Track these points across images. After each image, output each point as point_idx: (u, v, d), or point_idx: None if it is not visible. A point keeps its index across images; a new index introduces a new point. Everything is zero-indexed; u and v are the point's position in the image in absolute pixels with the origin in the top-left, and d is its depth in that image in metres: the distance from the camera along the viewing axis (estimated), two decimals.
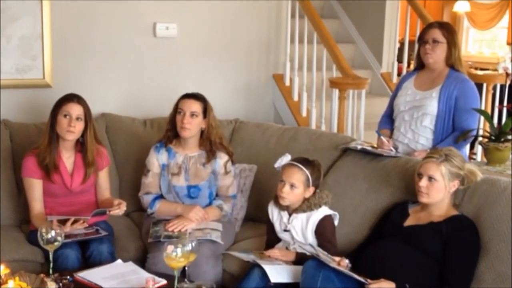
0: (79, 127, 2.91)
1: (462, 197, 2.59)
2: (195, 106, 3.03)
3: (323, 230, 2.68)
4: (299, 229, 2.70)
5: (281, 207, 2.76)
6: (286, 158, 2.75)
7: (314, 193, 2.73)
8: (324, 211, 2.71)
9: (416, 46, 3.35)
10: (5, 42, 3.42)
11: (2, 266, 2.14)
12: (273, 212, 2.80)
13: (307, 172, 2.69)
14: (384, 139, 3.10)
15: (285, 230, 2.74)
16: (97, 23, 3.71)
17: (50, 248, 2.46)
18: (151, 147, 3.14)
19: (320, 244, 2.66)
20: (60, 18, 3.55)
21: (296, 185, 2.67)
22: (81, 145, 3.00)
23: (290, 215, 2.74)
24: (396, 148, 3.14)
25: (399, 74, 5.20)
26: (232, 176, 3.16)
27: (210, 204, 3.09)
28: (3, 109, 3.48)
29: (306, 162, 2.73)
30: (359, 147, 3.10)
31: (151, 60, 3.92)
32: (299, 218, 2.71)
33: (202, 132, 3.10)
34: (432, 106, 3.09)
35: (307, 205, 2.70)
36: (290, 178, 2.68)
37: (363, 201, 2.91)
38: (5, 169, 3.20)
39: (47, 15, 3.50)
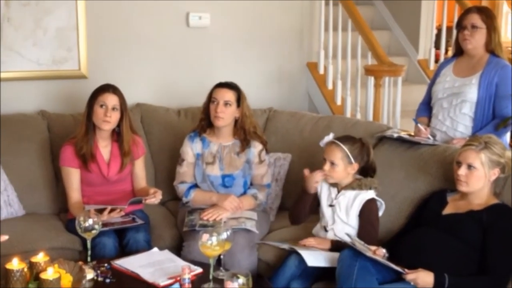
0: (115, 117, 2.94)
1: (503, 185, 2.53)
2: (228, 95, 3.03)
3: (369, 212, 2.68)
4: (344, 206, 2.70)
5: (332, 183, 2.78)
6: (328, 137, 2.77)
7: (366, 175, 2.72)
8: (372, 194, 2.71)
9: (454, 32, 3.27)
10: (41, 34, 3.47)
11: (42, 254, 2.17)
12: (323, 187, 2.80)
13: (345, 148, 2.69)
14: (421, 127, 3.05)
15: (330, 205, 2.74)
16: (131, 13, 3.73)
17: (88, 236, 2.50)
18: (185, 137, 3.14)
19: (362, 226, 2.66)
20: (94, 10, 3.58)
21: (335, 163, 2.69)
22: (117, 135, 3.03)
23: (339, 191, 2.75)
24: (434, 136, 3.09)
25: (436, 61, 5.09)
26: (266, 165, 3.15)
27: (244, 193, 3.08)
28: (41, 100, 3.53)
29: (346, 139, 2.75)
30: (395, 135, 3.06)
31: (185, 50, 3.92)
32: (346, 196, 2.71)
33: (236, 121, 3.10)
34: (471, 93, 3.02)
35: (357, 184, 2.71)
36: (329, 156, 2.71)
37: (400, 190, 2.87)
38: (44, 159, 3.25)
39: (82, 7, 3.54)
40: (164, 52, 3.86)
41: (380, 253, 2.46)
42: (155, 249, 2.69)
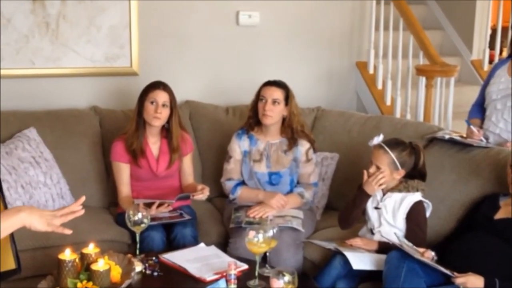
0: (165, 113, 2.98)
1: None
2: (277, 93, 3.03)
3: (416, 214, 2.63)
4: (391, 209, 2.66)
5: None
6: (378, 138, 2.72)
7: (413, 177, 2.68)
8: (419, 196, 2.66)
9: (510, 32, 3.18)
10: (95, 31, 3.55)
11: (92, 245, 2.23)
12: None
13: (393, 155, 2.63)
14: (474, 128, 2.98)
15: (376, 208, 2.70)
16: (183, 12, 3.77)
17: (137, 230, 2.54)
18: (233, 134, 3.16)
19: (409, 228, 2.62)
20: (146, 8, 3.64)
21: (381, 168, 2.64)
22: (166, 131, 3.07)
23: (384, 194, 2.70)
24: (486, 138, 3.01)
25: (490, 61, 4.95)
26: (313, 164, 3.14)
27: (291, 191, 3.08)
28: (93, 96, 3.62)
29: (395, 144, 2.68)
30: (446, 136, 2.99)
31: (234, 48, 3.94)
32: (392, 198, 2.67)
33: (283, 120, 3.09)
34: None
35: (404, 186, 2.66)
36: (376, 160, 2.67)
37: (450, 193, 2.81)
38: (95, 154, 3.33)
39: (135, 5, 3.60)
40: (213, 50, 3.90)
41: (428, 256, 2.42)
42: (202, 245, 2.72)
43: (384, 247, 2.56)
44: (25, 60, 3.44)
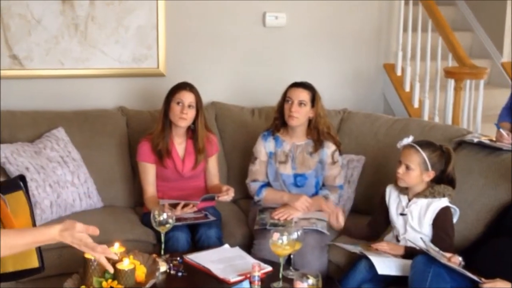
0: (191, 114, 2.99)
1: None
2: (303, 95, 3.02)
3: (443, 221, 2.58)
4: (416, 215, 2.62)
5: (402, 190, 2.69)
6: (407, 139, 2.69)
7: (441, 182, 2.62)
8: (446, 202, 2.61)
9: None
10: (123, 32, 3.59)
11: (118, 245, 2.24)
12: (391, 194, 2.73)
13: (424, 155, 2.60)
14: (503, 132, 2.92)
15: (402, 214, 2.66)
16: (209, 13, 3.79)
17: (162, 230, 2.56)
18: (258, 135, 3.16)
19: (436, 235, 2.57)
20: (174, 9, 3.66)
21: (411, 167, 2.60)
22: (192, 132, 3.08)
23: (409, 199, 2.66)
24: None
25: None
26: (339, 166, 3.12)
27: (316, 193, 3.07)
28: (120, 97, 3.65)
29: (426, 144, 2.65)
30: (475, 140, 2.95)
31: (260, 50, 3.94)
32: (418, 204, 2.63)
33: (309, 121, 3.08)
34: None
35: (430, 191, 2.61)
36: (405, 159, 2.62)
37: (478, 197, 2.76)
38: (122, 154, 3.36)
39: (162, 6, 3.62)
40: (240, 52, 3.90)
41: (455, 261, 2.38)
42: (226, 246, 2.72)
43: (410, 252, 2.53)
44: (55, 61, 3.49)
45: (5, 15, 3.35)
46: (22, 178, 1.82)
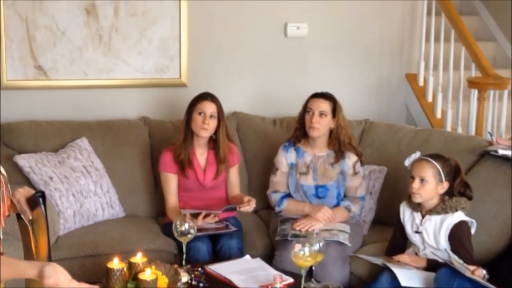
0: (212, 124, 3.00)
1: None
2: (324, 106, 3.01)
3: (459, 236, 2.54)
4: (432, 232, 2.58)
5: (414, 208, 2.66)
6: (415, 155, 2.68)
7: (452, 196, 2.59)
8: (460, 216, 2.57)
9: None
10: (146, 43, 3.62)
11: (140, 255, 2.25)
12: (405, 212, 2.70)
13: (437, 165, 2.57)
14: (493, 138, 2.90)
15: (417, 232, 2.63)
16: (231, 24, 3.81)
17: (184, 240, 2.56)
18: (280, 146, 3.16)
19: (454, 250, 2.53)
20: (196, 20, 3.69)
21: (426, 179, 2.57)
22: (213, 142, 3.09)
23: (423, 216, 2.63)
24: None
25: None
26: (361, 177, 3.10)
27: (337, 204, 3.05)
28: (143, 107, 3.68)
29: (437, 156, 2.63)
30: (500, 151, 2.91)
31: (282, 60, 3.95)
32: (432, 220, 2.59)
33: (331, 132, 3.07)
34: None
35: (442, 207, 2.58)
36: (419, 172, 2.59)
37: (503, 209, 2.73)
38: (144, 164, 3.38)
39: (185, 17, 3.65)
40: (261, 62, 3.91)
41: (479, 274, 2.35)
42: (248, 257, 2.71)
43: (433, 264, 2.50)
44: (79, 72, 3.53)
45: (31, 26, 3.40)
46: (41, 194, 1.83)
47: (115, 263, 2.16)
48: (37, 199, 1.80)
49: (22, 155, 3.06)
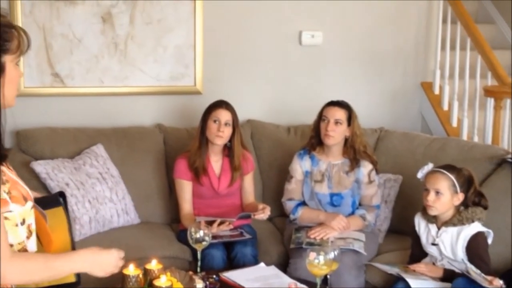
0: (227, 132, 3.01)
1: None
2: (339, 114, 3.01)
3: (476, 247, 2.51)
4: (448, 244, 2.56)
5: (429, 219, 2.63)
6: (428, 167, 2.65)
7: (467, 206, 2.57)
8: (477, 227, 2.54)
9: None
10: (161, 51, 3.64)
11: (155, 261, 2.26)
12: (420, 224, 2.68)
13: (452, 176, 2.54)
14: None
15: (433, 244, 2.60)
16: (245, 32, 3.82)
17: (198, 247, 2.56)
18: (294, 154, 3.15)
19: (471, 261, 2.50)
20: (211, 28, 3.71)
21: (441, 191, 2.54)
22: (228, 149, 3.10)
23: (439, 228, 2.60)
24: None
25: None
26: (376, 186, 3.08)
27: (352, 213, 3.04)
28: (158, 114, 3.70)
29: (450, 167, 2.60)
30: None
31: (296, 68, 3.95)
32: (448, 232, 2.57)
33: (346, 140, 3.06)
34: None
35: (458, 219, 2.55)
36: (434, 185, 2.56)
37: None
38: (159, 171, 3.39)
39: (200, 25, 3.67)
40: (276, 70, 3.92)
41: (497, 284, 2.32)
42: (262, 264, 2.71)
43: (450, 275, 2.48)
44: (95, 79, 3.56)
45: (48, 35, 3.44)
46: (62, 194, 1.85)
47: (131, 270, 2.16)
48: (58, 199, 1.82)
49: (39, 162, 3.09)
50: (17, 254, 1.51)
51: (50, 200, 1.83)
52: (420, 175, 2.66)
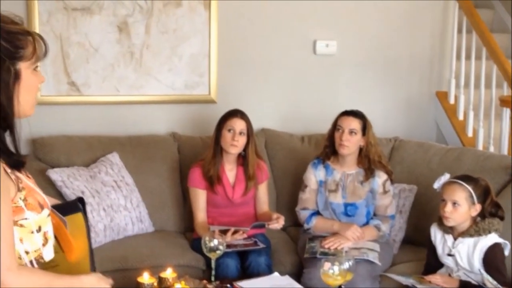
0: (242, 141, 3.02)
1: None
2: (354, 123, 3.00)
3: (493, 258, 2.49)
4: (465, 255, 2.53)
5: (446, 230, 2.61)
6: (445, 177, 2.63)
7: (484, 217, 2.54)
8: (494, 238, 2.52)
9: None
10: (176, 60, 3.66)
11: (170, 270, 2.26)
12: (436, 235, 2.66)
13: (469, 187, 2.52)
14: None
15: (449, 255, 2.58)
16: (260, 41, 3.83)
17: (213, 256, 2.56)
18: (308, 163, 3.15)
19: (487, 273, 2.47)
20: (226, 37, 3.72)
21: (459, 203, 2.52)
22: (243, 158, 3.10)
23: (455, 239, 2.58)
24: None
25: None
26: (391, 196, 3.07)
27: (367, 223, 3.02)
28: (173, 123, 3.72)
29: (467, 178, 2.58)
30: None
31: (310, 77, 3.95)
32: (465, 243, 2.54)
33: (360, 150, 3.06)
34: None
35: (475, 230, 2.53)
36: (451, 196, 2.54)
37: None
38: (173, 179, 3.40)
39: (215, 35, 3.69)
40: (290, 79, 3.92)
41: None
42: (276, 274, 2.70)
43: (465, 286, 2.46)
44: (110, 88, 3.59)
45: (65, 44, 3.48)
46: (81, 200, 1.86)
47: (145, 278, 2.17)
48: (77, 205, 1.83)
49: (55, 169, 3.11)
50: (23, 267, 1.50)
51: (70, 206, 1.84)
52: (436, 185, 2.64)
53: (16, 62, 1.47)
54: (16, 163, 1.50)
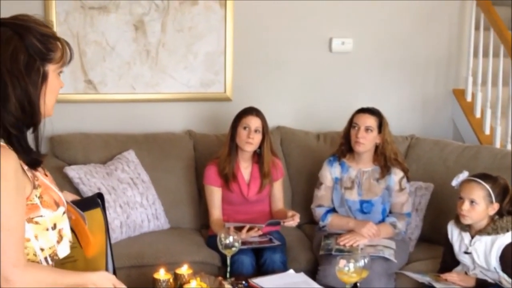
0: (257, 139, 3.02)
1: None
2: (370, 121, 2.99)
3: (510, 257, 2.47)
4: (482, 253, 2.52)
5: (463, 228, 2.59)
6: (463, 175, 2.61)
7: (502, 215, 2.52)
8: (510, 237, 2.49)
9: None
10: (192, 58, 3.68)
11: (186, 266, 2.28)
12: (453, 232, 2.64)
13: (488, 186, 2.51)
14: None
15: (466, 253, 2.57)
16: (275, 39, 3.83)
17: (228, 253, 2.57)
18: (323, 161, 3.14)
19: (504, 271, 2.46)
20: (241, 35, 3.73)
21: (476, 201, 2.51)
22: (258, 156, 3.10)
23: (472, 236, 2.57)
24: None
25: None
26: (407, 193, 3.05)
27: (383, 220, 3.01)
28: (188, 120, 3.73)
29: (486, 176, 2.57)
30: None
31: (326, 75, 3.94)
32: (482, 241, 2.53)
33: (376, 147, 3.05)
34: None
35: (492, 228, 2.51)
36: (469, 194, 2.53)
37: None
38: (189, 177, 3.42)
39: (230, 33, 3.70)
40: (305, 77, 3.91)
41: None
42: (291, 271, 2.70)
43: (482, 284, 2.44)
44: (127, 86, 3.61)
45: (82, 42, 3.51)
46: (100, 196, 1.88)
47: (161, 274, 2.19)
48: (96, 200, 1.84)
49: (72, 167, 3.14)
50: (30, 264, 1.51)
51: (89, 202, 1.86)
52: (455, 183, 2.63)
53: (46, 63, 1.52)
54: (33, 161, 1.52)
